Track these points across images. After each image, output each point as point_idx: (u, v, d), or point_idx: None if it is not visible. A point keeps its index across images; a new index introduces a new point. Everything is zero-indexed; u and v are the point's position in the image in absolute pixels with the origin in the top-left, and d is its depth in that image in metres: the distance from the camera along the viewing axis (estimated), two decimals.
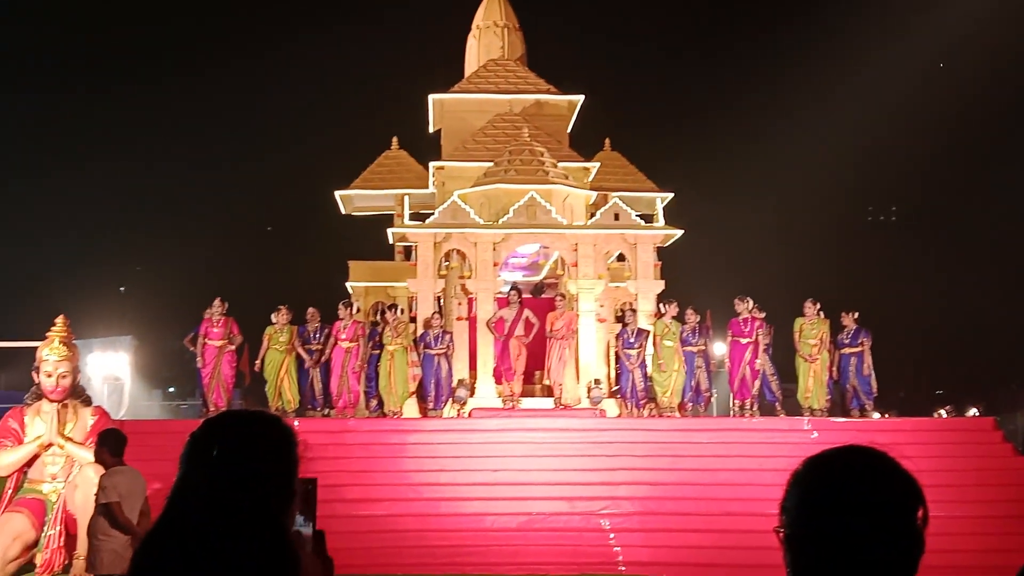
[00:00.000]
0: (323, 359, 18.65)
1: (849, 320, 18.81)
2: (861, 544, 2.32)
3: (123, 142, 52.93)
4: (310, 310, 19.02)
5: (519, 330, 19.41)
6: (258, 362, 18.47)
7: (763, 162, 45.26)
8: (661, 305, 19.31)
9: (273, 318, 18.59)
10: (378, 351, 19.00)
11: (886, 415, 23.00)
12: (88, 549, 9.65)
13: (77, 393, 15.18)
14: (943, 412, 32.13)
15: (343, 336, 18.51)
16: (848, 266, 45.61)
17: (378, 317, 21.36)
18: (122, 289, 46.55)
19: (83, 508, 13.00)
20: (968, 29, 36.35)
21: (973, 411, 32.49)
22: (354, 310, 19.29)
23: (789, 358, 19.13)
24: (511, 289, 19.93)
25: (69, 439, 14.73)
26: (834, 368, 18.65)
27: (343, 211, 26.09)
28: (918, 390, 43.61)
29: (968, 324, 44.45)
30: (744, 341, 18.69)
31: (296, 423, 16.78)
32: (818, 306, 18.74)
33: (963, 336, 44.84)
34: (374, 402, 19.06)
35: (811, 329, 18.60)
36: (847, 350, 18.74)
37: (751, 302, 18.83)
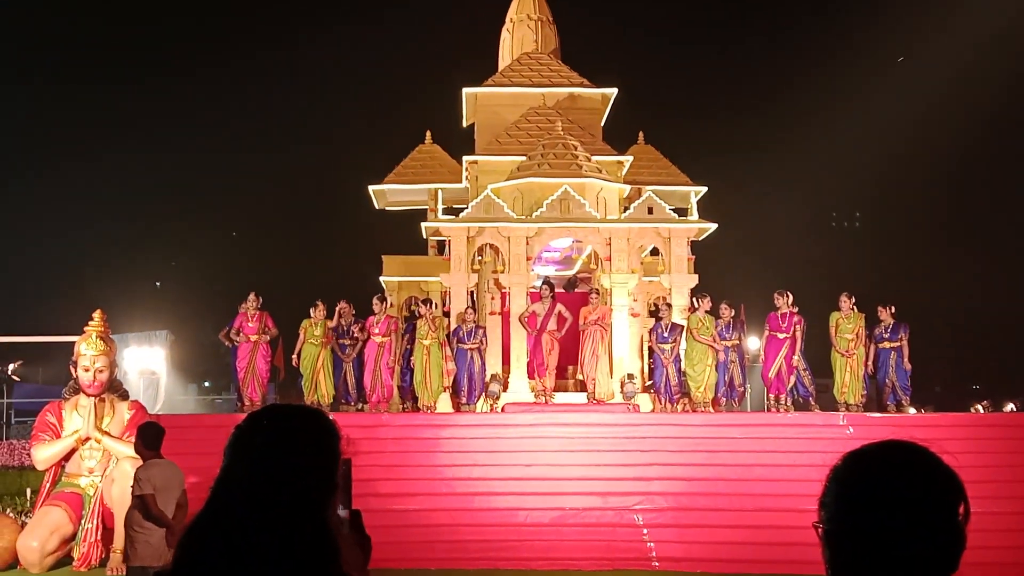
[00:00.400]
0: (355, 353, 18.73)
1: (886, 314, 18.67)
2: (901, 540, 2.31)
3: (160, 137, 53.27)
4: (342, 304, 19.10)
5: (552, 325, 19.40)
6: (295, 356, 18.56)
7: (798, 156, 44.95)
8: (695, 299, 19.25)
9: (311, 312, 18.69)
10: (410, 346, 19.06)
11: (922, 410, 22.81)
12: (125, 542, 9.75)
13: (114, 387, 15.34)
14: (980, 407, 31.84)
15: (376, 330, 18.57)
16: (882, 260, 45.39)
17: (413, 311, 21.40)
18: (158, 284, 46.93)
19: (120, 502, 13.15)
20: (1004, 25, 35.96)
21: (1010, 406, 32.18)
22: (387, 304, 19.34)
23: (823, 353, 19.03)
24: (544, 283, 19.93)
25: (106, 433, 14.88)
26: (870, 363, 18.53)
27: (376, 206, 26.15)
28: (954, 385, 43.28)
29: (1003, 318, 44.07)
30: (782, 336, 18.61)
31: (332, 417, 16.83)
32: (853, 300, 18.62)
33: (999, 330, 44.47)
34: (408, 397, 19.13)
35: (847, 323, 18.50)
36: (886, 344, 18.61)
37: (790, 297, 18.74)
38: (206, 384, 40.56)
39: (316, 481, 2.55)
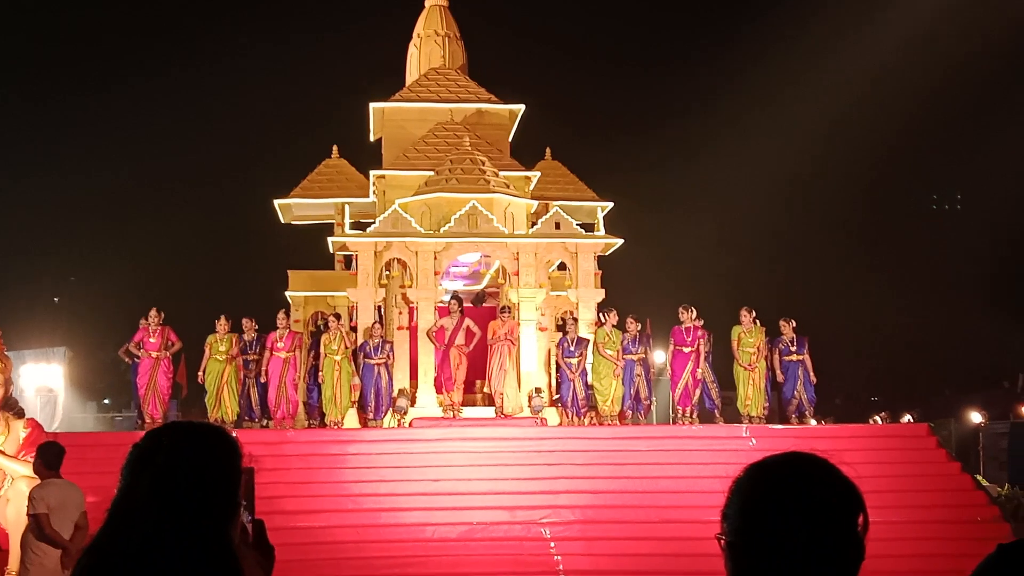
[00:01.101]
0: (259, 370, 18.55)
1: (788, 328, 19.02)
2: (802, 550, 2.33)
3: (56, 152, 52.15)
4: (245, 320, 18.91)
5: (460, 339, 19.40)
6: (200, 372, 18.29)
7: (702, 173, 45.68)
8: (601, 314, 19.40)
9: (216, 327, 18.45)
10: (316, 361, 18.93)
11: (824, 422, 23.27)
12: (20, 563, 9.48)
13: (9, 405, 14.90)
14: (879, 419, 32.59)
15: (280, 345, 18.41)
16: (788, 274, 46.20)
17: (319, 326, 21.22)
18: (56, 300, 45.80)
19: (15, 522, 12.77)
20: (917, 30, 36.67)
21: (908, 417, 32.98)
22: (291, 319, 19.18)
23: (727, 366, 19.31)
24: (452, 298, 19.93)
25: (1, 452, 14.46)
26: (778, 374, 18.82)
27: (282, 220, 25.86)
28: (854, 397, 44.23)
29: (903, 331, 45.19)
30: (687, 350, 18.83)
31: (234, 435, 16.62)
32: (753, 314, 18.94)
33: (898, 343, 45.59)
34: (315, 413, 18.98)
35: (748, 337, 18.80)
36: (793, 357, 18.95)
37: (694, 311, 18.98)
38: (106, 402, 39.70)
39: (217, 500, 2.52)
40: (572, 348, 19.05)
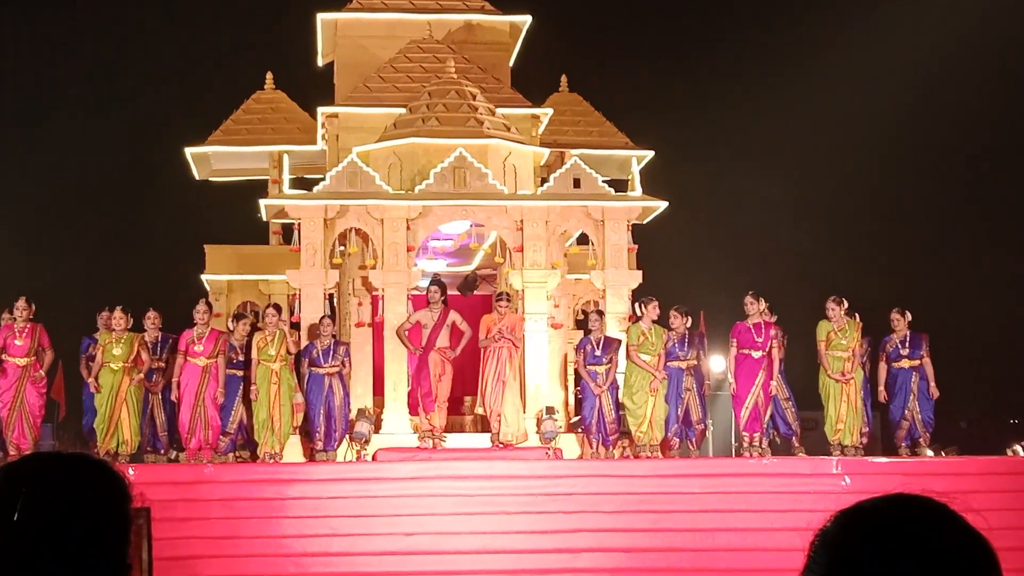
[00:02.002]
0: (166, 381, 18.52)
1: (902, 323, 18.90)
2: None
3: None
4: (149, 314, 18.86)
5: (443, 340, 19.35)
6: (92, 380, 18.23)
7: (777, 115, 45.42)
8: (637, 305, 19.34)
9: (110, 323, 18.38)
10: (242, 371, 18.89)
11: (944, 453, 23.23)
12: None
13: None
14: (1019, 448, 32.57)
15: (199, 349, 18.37)
16: (886, 255, 46.06)
17: (250, 321, 21.16)
18: None
19: None
20: None
21: None
22: (212, 312, 19.14)
23: (810, 376, 19.32)
24: (432, 284, 19.88)
25: None
26: (882, 388, 18.79)
27: (197, 176, 25.82)
28: (984, 420, 44.14)
29: None
30: (756, 355, 18.73)
31: (131, 472, 16.58)
32: (846, 305, 18.85)
33: None
34: (243, 442, 18.98)
35: (840, 337, 18.70)
36: (904, 363, 18.86)
37: (764, 302, 18.92)
38: None
39: (99, 559, 2.49)
40: (598, 352, 18.99)
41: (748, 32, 48.77)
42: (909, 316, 18.94)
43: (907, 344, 18.88)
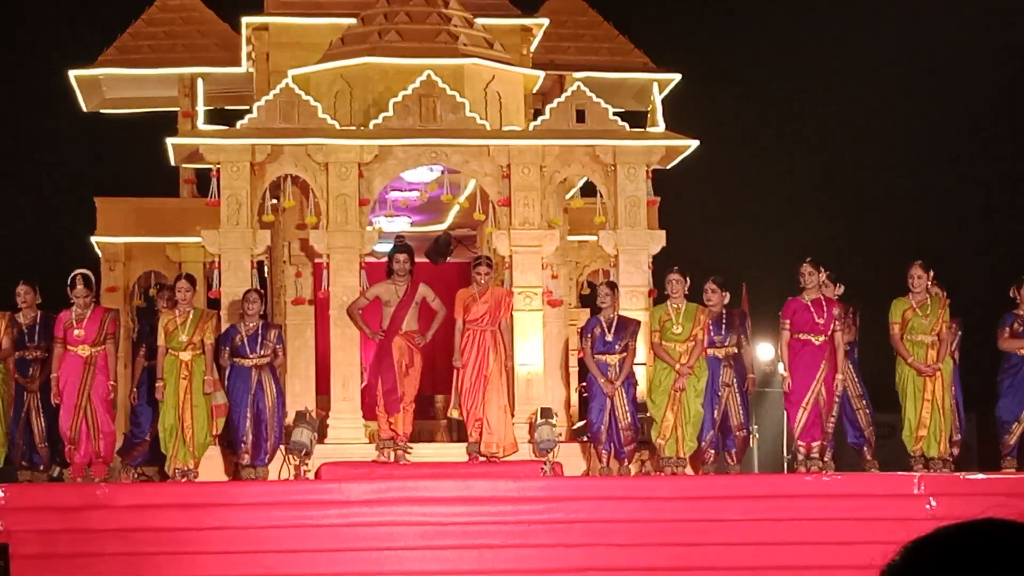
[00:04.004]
0: (46, 376, 18.45)
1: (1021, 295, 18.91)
2: None
3: None
4: (20, 288, 18.78)
5: (410, 322, 19.32)
6: None
7: (837, 29, 45.40)
8: (671, 279, 19.26)
9: None
10: (149, 361, 18.82)
11: None
12: None
13: None
14: None
15: (79, 334, 18.30)
16: (973, 215, 46.00)
17: (152, 297, 21.07)
18: None
19: None
20: None
21: None
22: (93, 286, 19.03)
23: (884, 367, 19.36)
24: (396, 248, 19.81)
25: None
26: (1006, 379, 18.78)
27: (85, 108, 25.69)
28: None
29: None
30: (816, 341, 18.75)
31: (0, 493, 16.48)
32: (931, 275, 18.85)
33: None
34: (145, 453, 18.96)
35: (920, 317, 18.75)
36: (1015, 345, 18.84)
37: (823, 272, 18.87)
38: None
39: None
40: (609, 337, 18.98)
41: None
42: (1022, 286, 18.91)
43: (1021, 322, 18.85)
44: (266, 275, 21.36)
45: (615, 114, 20.95)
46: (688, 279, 19.16)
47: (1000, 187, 45.64)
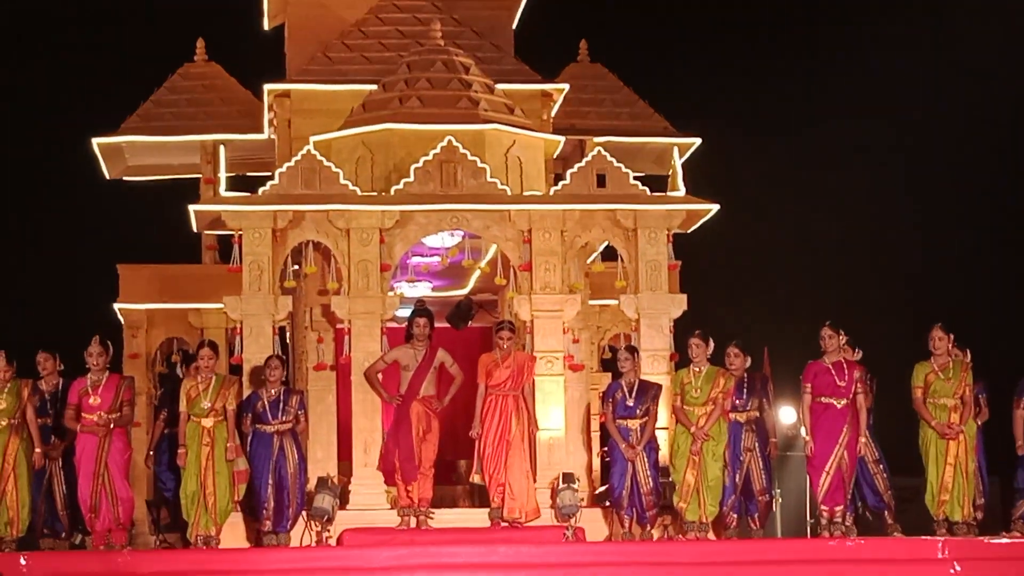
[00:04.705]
0: (68, 444, 18.40)
1: None
2: None
3: None
4: (40, 356, 18.74)
5: (428, 387, 19.22)
6: None
7: (857, 93, 45.41)
8: (692, 343, 19.17)
9: None
10: (169, 428, 18.86)
11: None
12: None
13: None
14: None
15: (95, 401, 18.23)
16: (998, 272, 45.82)
17: (179, 367, 21.07)
18: None
19: None
20: None
21: None
22: (111, 351, 18.98)
23: (906, 430, 19.22)
24: (415, 313, 19.74)
25: None
26: (1019, 440, 18.61)
27: (108, 175, 25.74)
28: None
29: None
30: (838, 404, 18.62)
31: (23, 561, 16.39)
32: (952, 338, 18.74)
33: None
34: (166, 520, 18.92)
35: (943, 380, 18.64)
36: None
37: (843, 335, 18.77)
38: None
39: None
40: (630, 402, 18.88)
41: None
42: None
43: None
44: (288, 341, 21.28)
45: (636, 178, 20.89)
46: (711, 343, 19.07)
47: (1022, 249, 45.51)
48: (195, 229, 22.72)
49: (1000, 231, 45.66)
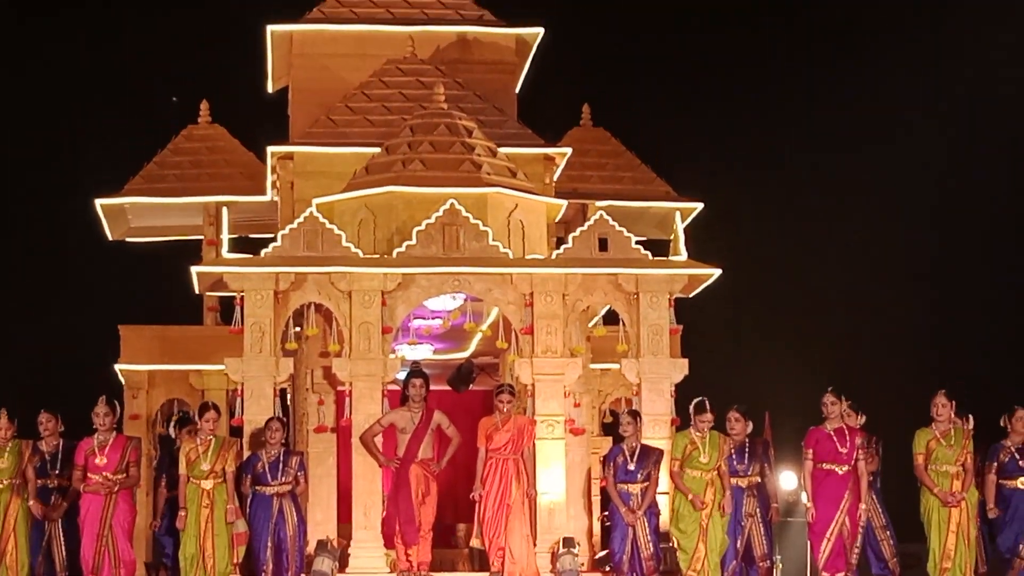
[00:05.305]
0: (69, 504, 18.33)
1: (1019, 426, 18.76)
2: None
3: None
4: (43, 416, 18.67)
5: (426, 450, 19.18)
6: None
7: (869, 148, 45.46)
8: (693, 408, 19.15)
9: None
10: (169, 491, 18.79)
11: None
12: None
13: None
14: None
15: (101, 461, 18.20)
16: (999, 334, 45.81)
17: (172, 428, 21.02)
18: None
19: None
20: None
21: None
22: (118, 411, 18.96)
23: (908, 497, 19.12)
24: (411, 373, 19.72)
25: None
26: (989, 505, 18.57)
27: (110, 236, 25.74)
28: None
29: None
30: (840, 471, 18.57)
31: None
32: (954, 404, 18.69)
33: None
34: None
35: (944, 447, 18.59)
36: (1021, 482, 18.69)
37: (845, 401, 18.74)
38: None
39: None
40: (631, 466, 18.82)
41: (825, 47, 48.84)
42: None
43: None
44: (288, 403, 21.25)
45: (638, 242, 20.88)
46: (713, 410, 19.03)
47: None
48: (197, 290, 22.67)
49: (1006, 294, 45.78)
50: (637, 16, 49.42)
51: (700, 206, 24.39)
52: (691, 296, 21.88)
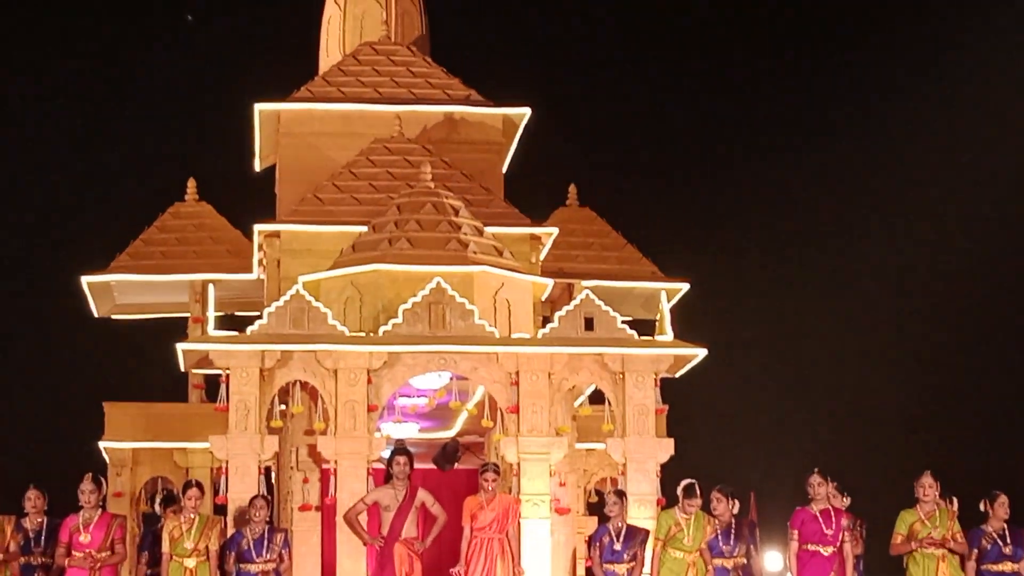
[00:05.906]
0: None
1: (1001, 511, 18.73)
2: None
3: None
4: (31, 492, 18.56)
5: (409, 528, 19.08)
6: None
7: (857, 229, 45.56)
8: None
9: None
10: (151, 569, 18.64)
11: None
12: None
13: None
14: None
15: (85, 539, 18.11)
16: (984, 413, 45.78)
17: (158, 506, 20.94)
18: None
19: None
20: None
21: None
22: (104, 489, 18.85)
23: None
24: (395, 451, 19.64)
25: None
26: None
27: (96, 313, 25.69)
28: None
29: None
30: (825, 552, 18.49)
31: None
32: (939, 485, 18.65)
33: None
34: None
35: (928, 529, 18.53)
36: (1005, 566, 18.63)
37: (831, 483, 18.70)
38: None
39: None
40: (617, 546, 18.73)
41: (812, 127, 49.01)
42: (1005, 501, 18.65)
43: (1007, 539, 18.66)
44: (273, 481, 21.19)
45: (623, 322, 20.92)
46: (699, 490, 18.96)
47: (1012, 395, 45.57)
48: (183, 368, 22.65)
49: (993, 375, 45.77)
50: (624, 98, 49.69)
51: (686, 286, 24.43)
52: (677, 376, 21.87)
